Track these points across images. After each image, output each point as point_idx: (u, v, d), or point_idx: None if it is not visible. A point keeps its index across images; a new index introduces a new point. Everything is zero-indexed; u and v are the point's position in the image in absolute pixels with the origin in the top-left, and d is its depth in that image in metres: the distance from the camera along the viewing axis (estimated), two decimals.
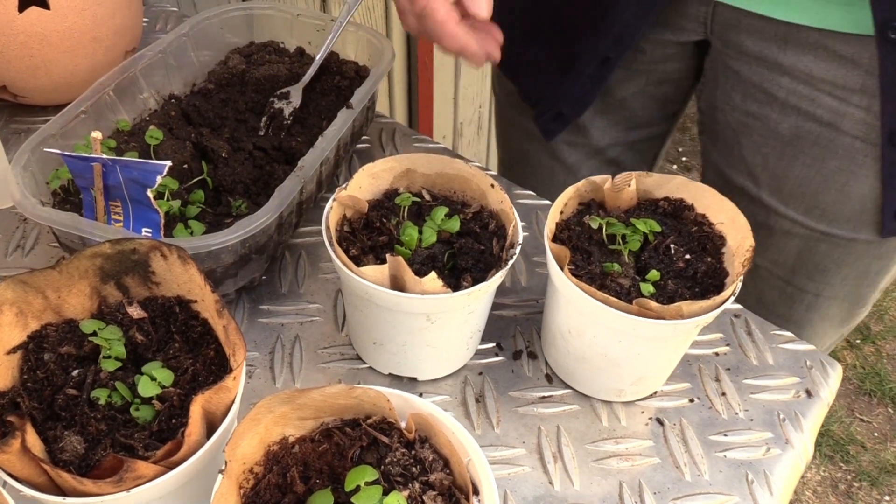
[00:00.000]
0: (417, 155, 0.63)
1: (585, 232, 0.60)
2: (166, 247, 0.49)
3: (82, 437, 0.44)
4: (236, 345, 0.45)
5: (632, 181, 0.62)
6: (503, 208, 0.61)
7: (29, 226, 0.76)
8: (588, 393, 0.63)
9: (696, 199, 0.62)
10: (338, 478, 0.45)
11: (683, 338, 0.58)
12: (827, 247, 0.79)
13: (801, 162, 0.75)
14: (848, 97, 0.70)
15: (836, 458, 2.01)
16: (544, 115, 0.89)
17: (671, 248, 0.59)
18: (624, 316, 0.53)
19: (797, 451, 0.61)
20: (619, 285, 0.57)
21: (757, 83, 0.75)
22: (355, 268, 0.54)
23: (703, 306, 0.53)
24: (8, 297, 0.47)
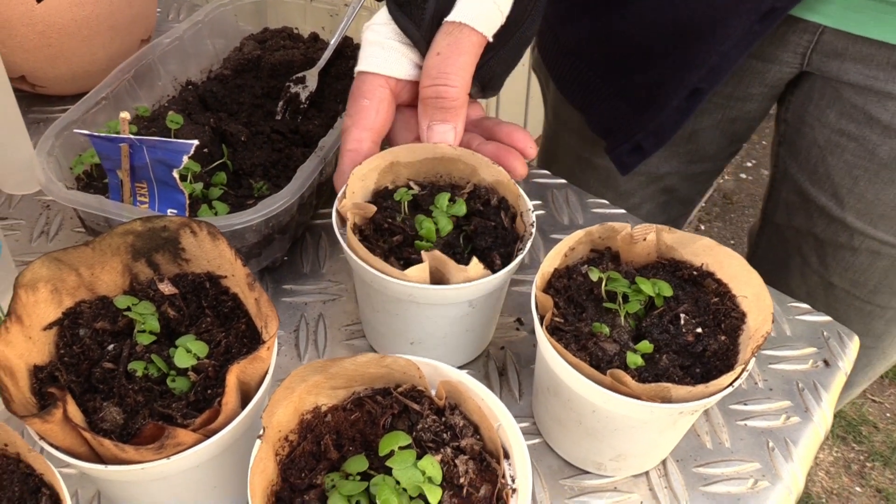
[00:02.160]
0: (398, 147, 0.62)
1: (586, 283, 0.55)
2: (196, 223, 0.50)
3: (121, 408, 0.45)
4: (268, 317, 0.46)
5: (650, 234, 0.56)
6: (500, 179, 0.61)
7: (52, 212, 0.77)
8: (568, 459, 0.58)
9: (721, 266, 0.55)
10: (370, 445, 0.46)
11: (668, 421, 0.50)
12: None
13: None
14: None
15: (848, 438, 2.01)
16: (619, 148, 0.83)
17: (681, 318, 0.53)
18: (593, 386, 0.47)
19: (816, 419, 0.62)
20: (602, 350, 0.50)
21: (858, 105, 0.73)
22: (400, 273, 0.52)
23: (691, 392, 0.46)
24: (43, 274, 0.48)
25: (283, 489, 0.43)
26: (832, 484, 1.93)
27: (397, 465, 0.42)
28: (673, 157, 0.91)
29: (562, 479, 0.57)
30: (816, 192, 0.81)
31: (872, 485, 1.92)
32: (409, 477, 0.42)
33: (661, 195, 0.96)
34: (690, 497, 0.56)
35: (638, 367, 0.49)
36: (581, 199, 0.80)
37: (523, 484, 0.43)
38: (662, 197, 0.97)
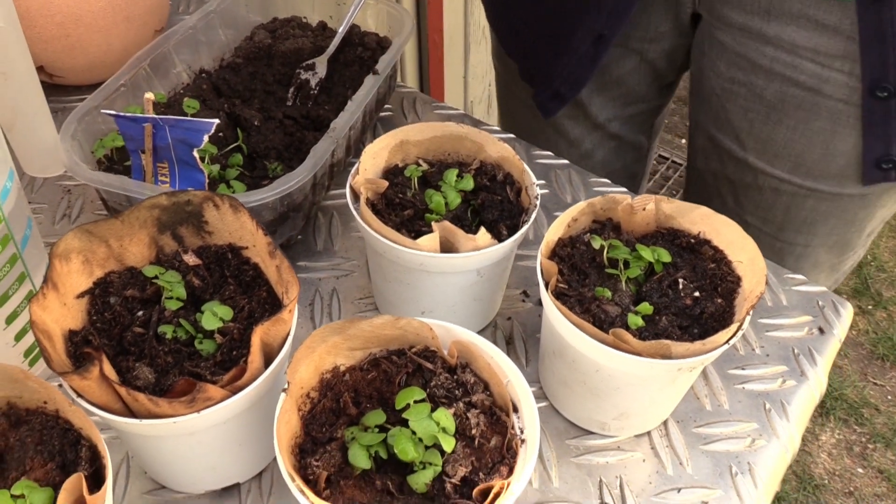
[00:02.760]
0: (409, 126, 0.65)
1: (589, 252, 0.57)
2: (218, 197, 0.53)
3: (152, 368, 0.47)
4: (289, 282, 0.49)
5: (649, 205, 0.59)
6: (505, 156, 0.64)
7: (73, 196, 0.80)
8: (573, 420, 0.60)
9: (718, 233, 0.58)
10: (386, 402, 0.49)
11: (668, 378, 0.53)
12: (814, 202, 0.83)
13: (786, 125, 0.79)
14: (830, 63, 0.73)
15: (850, 421, 2.04)
16: (542, 94, 0.91)
17: (679, 283, 0.55)
18: (596, 344, 0.50)
19: (811, 382, 0.65)
20: (604, 312, 0.53)
21: (741, 52, 0.78)
22: (412, 242, 0.55)
23: (689, 349, 0.49)
24: (75, 245, 0.51)
25: (306, 441, 0.46)
26: (834, 465, 1.95)
27: (413, 416, 0.45)
28: (609, 103, 0.96)
29: (567, 440, 0.59)
30: (722, 136, 0.87)
31: (874, 466, 1.94)
32: (425, 427, 0.44)
33: (609, 141, 1.02)
34: (691, 455, 0.59)
35: (639, 327, 0.52)
36: (583, 179, 0.83)
37: (531, 435, 0.46)
38: (611, 143, 1.02)
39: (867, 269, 2.29)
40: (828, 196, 0.82)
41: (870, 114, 0.73)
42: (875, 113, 0.73)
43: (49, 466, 0.43)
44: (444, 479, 0.44)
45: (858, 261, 0.95)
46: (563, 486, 0.56)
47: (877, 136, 0.74)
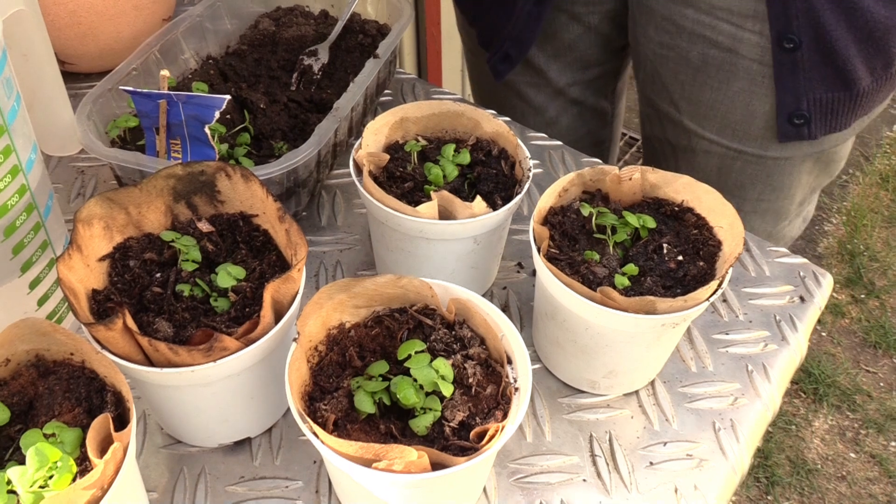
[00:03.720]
0: (408, 104, 0.68)
1: (579, 220, 0.60)
2: (230, 167, 0.56)
3: (170, 323, 0.51)
4: (298, 244, 0.53)
5: (635, 174, 0.62)
6: (500, 132, 0.67)
7: (87, 176, 0.83)
8: (565, 380, 0.63)
9: (700, 200, 0.61)
10: (389, 356, 0.52)
11: (653, 335, 0.56)
12: (741, 164, 0.88)
13: (710, 86, 0.84)
14: (743, 23, 0.78)
15: (843, 407, 2.07)
16: (494, 57, 0.97)
17: (663, 248, 0.59)
18: (585, 302, 0.53)
19: (792, 347, 0.68)
20: (593, 273, 0.56)
21: (667, 16, 0.84)
22: (413, 209, 0.59)
23: (672, 305, 0.52)
24: (97, 212, 0.54)
25: (315, 390, 0.50)
26: (827, 450, 1.99)
27: (414, 365, 0.48)
28: (566, 69, 1.02)
29: (560, 398, 0.63)
30: (659, 100, 0.92)
31: (867, 451, 1.98)
32: (425, 375, 0.48)
33: (572, 106, 1.07)
34: (676, 412, 0.62)
35: (625, 287, 0.55)
36: (576, 159, 0.86)
37: (524, 384, 0.49)
38: (574, 108, 1.07)
39: (860, 258, 2.33)
40: (753, 158, 0.87)
41: (779, 67, 0.78)
42: (784, 66, 0.78)
43: (77, 411, 0.47)
44: (444, 422, 0.48)
45: (798, 233, 1.01)
46: (555, 441, 0.60)
47: (787, 89, 0.79)
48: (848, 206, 2.48)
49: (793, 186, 0.90)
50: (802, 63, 0.77)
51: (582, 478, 0.58)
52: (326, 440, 0.44)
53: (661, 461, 0.59)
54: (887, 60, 0.78)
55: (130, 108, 0.78)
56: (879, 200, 2.50)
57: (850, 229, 2.41)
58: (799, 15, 0.74)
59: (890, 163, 2.63)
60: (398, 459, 0.42)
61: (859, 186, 2.55)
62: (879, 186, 2.55)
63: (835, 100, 0.79)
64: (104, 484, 0.42)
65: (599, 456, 0.59)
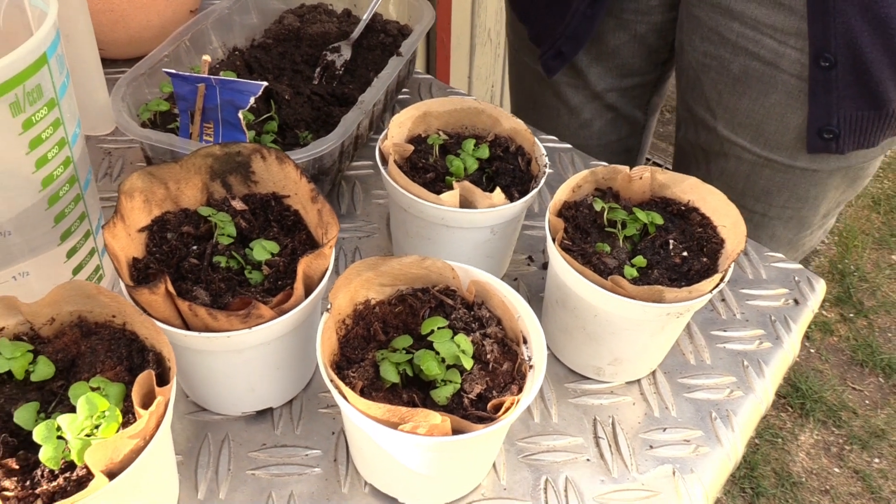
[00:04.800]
0: (431, 100, 0.72)
1: (591, 214, 0.64)
2: (266, 149, 0.60)
3: (207, 292, 0.54)
4: (329, 223, 0.56)
5: (645, 174, 0.65)
6: (517, 129, 0.71)
7: (113, 158, 0.86)
8: (572, 367, 0.67)
9: (705, 201, 0.64)
10: (411, 332, 0.55)
11: (658, 324, 0.59)
12: (770, 171, 0.92)
13: (748, 96, 0.88)
14: (786, 40, 0.82)
15: (828, 423, 2.11)
16: (546, 53, 1.01)
17: (670, 244, 0.62)
18: (596, 289, 0.56)
19: (785, 346, 0.72)
20: (603, 264, 0.60)
21: (713, 27, 0.88)
22: (435, 197, 0.62)
23: (678, 295, 0.55)
24: (138, 185, 0.57)
25: (342, 360, 0.53)
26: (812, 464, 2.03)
27: (437, 339, 0.51)
28: (606, 74, 1.06)
29: (566, 384, 0.66)
30: (696, 107, 0.96)
31: (850, 466, 2.01)
32: (447, 349, 0.51)
33: (607, 112, 1.11)
34: (675, 402, 0.66)
35: (633, 277, 0.59)
36: (585, 162, 0.90)
37: (539, 362, 0.52)
38: (608, 114, 1.12)
39: (850, 278, 2.37)
40: (781, 167, 0.91)
41: (814, 83, 0.82)
42: (818, 83, 0.81)
43: (118, 369, 0.49)
44: (463, 394, 0.51)
45: (816, 244, 1.04)
46: (561, 423, 0.63)
47: (819, 105, 0.83)
48: (840, 226, 2.53)
49: (818, 197, 0.93)
50: (836, 82, 0.80)
51: (586, 458, 0.61)
52: (355, 402, 0.47)
53: (661, 445, 0.62)
54: None
55: (161, 93, 0.81)
56: (871, 223, 2.55)
57: (841, 249, 2.46)
58: (837, 36, 0.77)
59: (882, 186, 2.68)
60: (423, 423, 0.46)
61: (851, 208, 2.60)
62: (871, 209, 2.60)
63: (865, 118, 0.82)
64: (147, 435, 0.45)
65: (602, 438, 0.62)
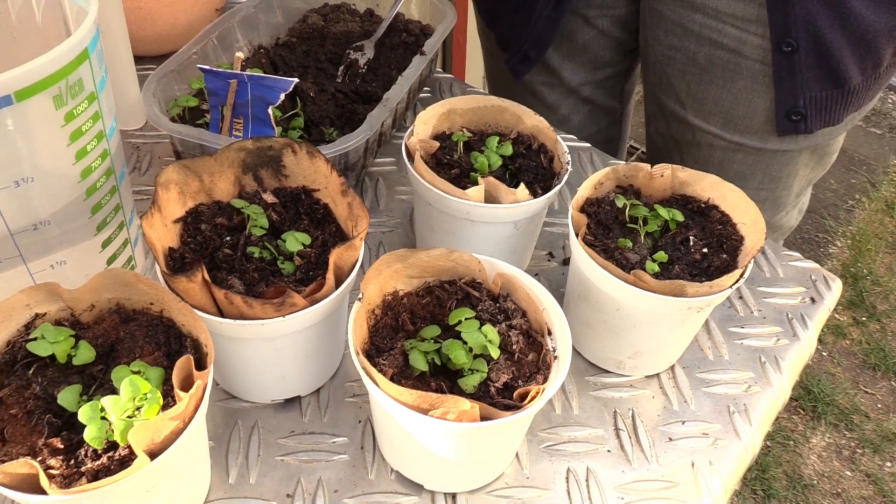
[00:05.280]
0: (456, 98, 0.74)
1: (613, 211, 0.65)
2: (297, 144, 0.61)
3: (241, 281, 0.55)
4: (359, 216, 0.57)
5: (666, 171, 0.66)
6: (540, 127, 0.72)
7: (142, 152, 0.88)
8: (592, 360, 0.68)
9: (725, 198, 0.65)
10: (438, 323, 0.57)
11: (678, 318, 0.60)
12: (742, 156, 0.95)
13: (715, 84, 0.91)
14: (747, 27, 0.85)
15: (840, 426, 2.11)
16: (513, 58, 1.04)
17: (690, 240, 0.63)
18: (619, 283, 0.58)
19: (802, 343, 0.73)
20: (626, 258, 0.61)
21: (675, 20, 0.91)
22: (461, 192, 0.64)
23: (699, 290, 0.56)
24: (174, 177, 0.59)
25: (371, 349, 0.54)
26: (824, 467, 2.03)
27: (465, 329, 0.53)
28: (579, 69, 1.09)
29: (587, 377, 0.67)
30: (666, 99, 0.99)
31: (862, 470, 2.02)
32: (475, 339, 0.52)
33: (583, 105, 1.14)
34: (694, 395, 0.67)
35: (654, 273, 0.60)
36: (604, 160, 0.91)
37: (563, 353, 0.54)
38: (585, 107, 1.14)
39: (863, 282, 2.37)
40: (753, 151, 0.94)
41: (778, 68, 0.85)
42: (783, 67, 0.84)
43: (156, 354, 0.51)
44: (489, 383, 0.52)
45: (793, 224, 1.08)
46: (582, 414, 0.64)
47: (785, 89, 0.86)
48: (853, 230, 2.53)
49: (790, 176, 0.97)
50: (799, 65, 0.83)
51: (606, 448, 0.62)
52: (387, 388, 0.48)
53: (680, 438, 0.63)
54: (877, 61, 0.84)
55: (190, 90, 0.83)
56: (884, 227, 2.55)
57: (854, 253, 2.46)
58: (797, 21, 0.80)
59: None
60: (453, 409, 0.47)
61: (865, 212, 2.60)
62: (884, 213, 2.60)
63: (829, 97, 0.86)
64: (186, 417, 0.47)
65: (623, 430, 0.63)
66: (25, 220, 0.56)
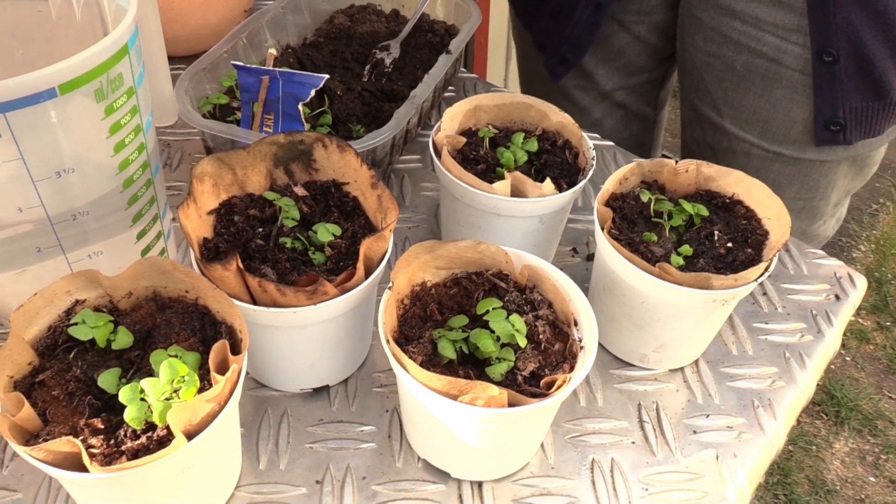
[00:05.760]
0: (483, 94, 0.75)
1: (638, 206, 0.65)
2: (328, 138, 0.62)
3: (274, 271, 0.57)
4: (389, 208, 0.58)
5: (691, 167, 0.67)
6: (565, 123, 0.73)
7: (172, 149, 0.90)
8: (617, 354, 0.68)
9: (750, 194, 0.66)
10: (466, 313, 0.58)
11: (703, 311, 0.60)
12: (779, 165, 0.95)
13: (753, 93, 0.91)
14: (787, 36, 0.84)
15: (864, 431, 2.09)
16: (551, 60, 1.04)
17: (714, 235, 0.63)
18: (645, 275, 0.58)
19: (827, 339, 0.73)
20: (651, 252, 0.61)
21: (715, 27, 0.90)
22: (488, 185, 0.65)
23: (724, 282, 0.57)
24: (208, 170, 0.60)
25: (400, 337, 0.55)
26: (847, 473, 2.01)
27: (493, 318, 0.54)
28: (613, 73, 1.09)
29: (611, 370, 0.68)
30: (702, 106, 0.98)
31: (886, 476, 2.00)
32: (503, 328, 0.53)
33: (616, 110, 1.14)
34: (718, 389, 0.67)
35: (679, 266, 0.60)
36: (628, 159, 0.92)
37: (590, 343, 0.54)
38: (618, 112, 1.14)
39: (887, 287, 2.35)
40: (791, 160, 0.93)
41: (818, 78, 0.84)
42: (823, 77, 0.84)
43: (192, 340, 0.52)
44: (516, 371, 0.53)
45: (830, 234, 1.07)
46: (606, 406, 0.65)
47: (825, 99, 0.85)
48: (877, 234, 2.51)
49: (828, 187, 0.96)
50: (840, 75, 0.83)
51: (631, 440, 0.63)
52: (417, 374, 0.49)
53: (704, 431, 0.64)
54: None
55: (221, 87, 0.85)
56: None
57: (878, 257, 2.44)
58: (838, 31, 0.80)
59: None
60: (482, 395, 0.48)
61: (889, 216, 2.58)
62: None
63: (869, 108, 0.85)
64: (222, 400, 0.48)
65: (647, 422, 0.64)
66: (65, 210, 0.57)
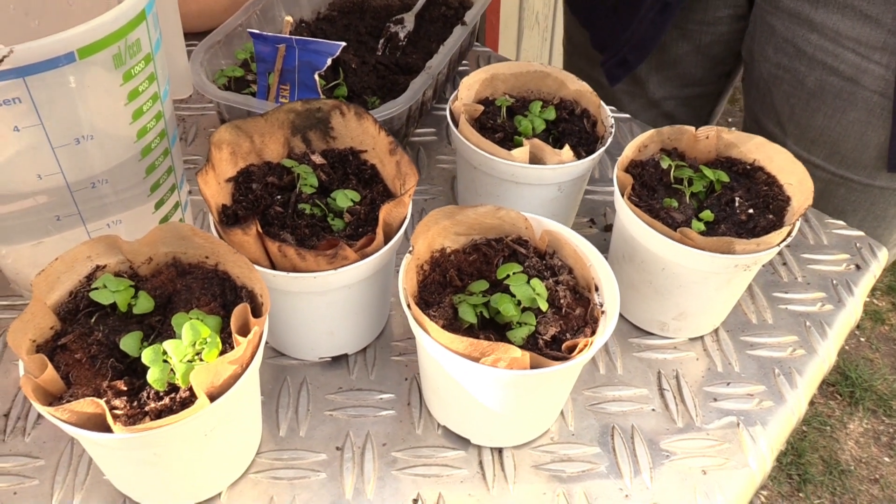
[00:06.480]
0: (499, 63, 0.74)
1: (658, 173, 0.65)
2: (345, 105, 0.62)
3: (293, 237, 0.57)
4: (407, 174, 0.58)
5: (711, 133, 0.66)
6: (583, 91, 0.72)
7: (188, 124, 0.89)
8: (636, 322, 0.68)
9: (771, 160, 0.65)
10: (485, 279, 0.57)
11: (724, 277, 0.60)
12: (845, 190, 0.88)
13: (823, 113, 0.84)
14: (870, 54, 0.78)
15: (879, 412, 2.08)
16: (611, 61, 0.99)
17: (735, 201, 0.63)
18: (666, 241, 0.58)
19: (848, 308, 0.72)
20: (671, 218, 0.61)
21: (788, 38, 0.84)
22: (506, 152, 0.64)
23: (746, 247, 0.56)
24: (226, 138, 0.60)
25: (420, 302, 0.55)
26: (861, 453, 2.00)
27: (514, 283, 0.53)
28: (666, 82, 1.04)
29: (631, 339, 0.68)
30: (765, 120, 0.93)
31: None
32: (524, 292, 0.53)
33: (663, 120, 1.09)
34: (738, 357, 0.67)
35: (701, 231, 0.60)
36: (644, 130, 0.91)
37: (611, 308, 0.54)
38: (664, 122, 1.09)
39: None
40: (859, 186, 0.87)
41: None
42: None
43: (212, 305, 0.52)
44: (538, 336, 0.53)
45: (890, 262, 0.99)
46: (626, 374, 0.65)
47: None
48: None
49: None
50: None
51: (651, 407, 0.62)
52: (438, 336, 0.49)
53: (725, 398, 0.63)
54: None
55: (236, 60, 0.84)
56: None
57: None
58: None
59: None
60: (504, 356, 0.48)
61: None
62: None
63: None
64: (244, 362, 0.48)
65: (667, 390, 0.64)
66: (84, 178, 0.57)
